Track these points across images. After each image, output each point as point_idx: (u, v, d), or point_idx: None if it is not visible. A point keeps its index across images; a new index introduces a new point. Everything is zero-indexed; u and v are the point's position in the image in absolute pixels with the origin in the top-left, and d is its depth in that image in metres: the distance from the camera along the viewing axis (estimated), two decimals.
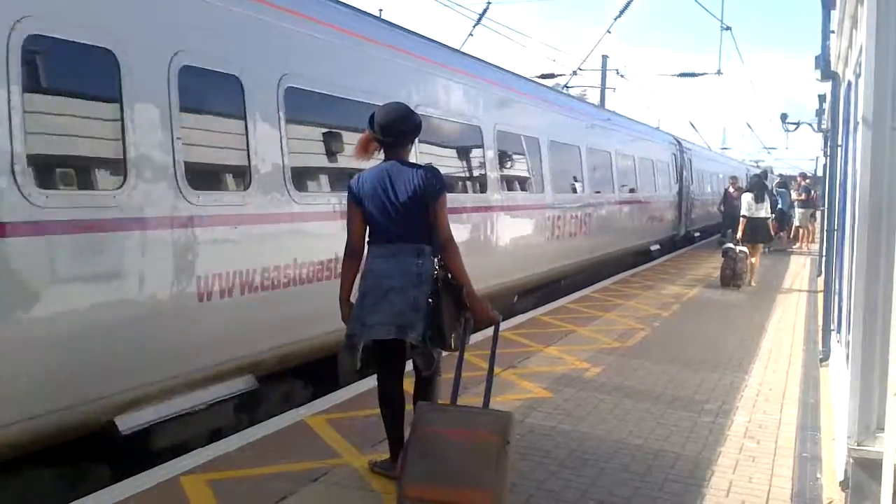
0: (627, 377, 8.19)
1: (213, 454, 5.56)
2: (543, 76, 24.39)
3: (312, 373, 7.72)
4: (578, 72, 25.51)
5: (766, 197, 16.47)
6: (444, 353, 5.09)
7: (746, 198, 16.38)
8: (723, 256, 15.82)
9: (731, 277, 15.50)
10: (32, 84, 5.02)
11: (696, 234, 29.48)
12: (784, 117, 26.75)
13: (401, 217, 4.96)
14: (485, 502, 4.13)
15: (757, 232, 16.23)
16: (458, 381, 4.78)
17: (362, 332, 4.90)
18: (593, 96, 31.19)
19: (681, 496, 5.18)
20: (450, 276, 4.96)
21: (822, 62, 10.03)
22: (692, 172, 28.31)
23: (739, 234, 16.26)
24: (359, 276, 5.07)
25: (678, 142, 26.84)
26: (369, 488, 5.05)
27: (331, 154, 7.91)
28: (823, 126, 17.50)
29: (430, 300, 4.83)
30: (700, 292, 14.91)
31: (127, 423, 5.57)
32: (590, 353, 9.21)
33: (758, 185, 16.76)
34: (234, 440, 5.87)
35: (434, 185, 5.01)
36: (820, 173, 22.50)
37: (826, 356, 9.16)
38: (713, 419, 6.90)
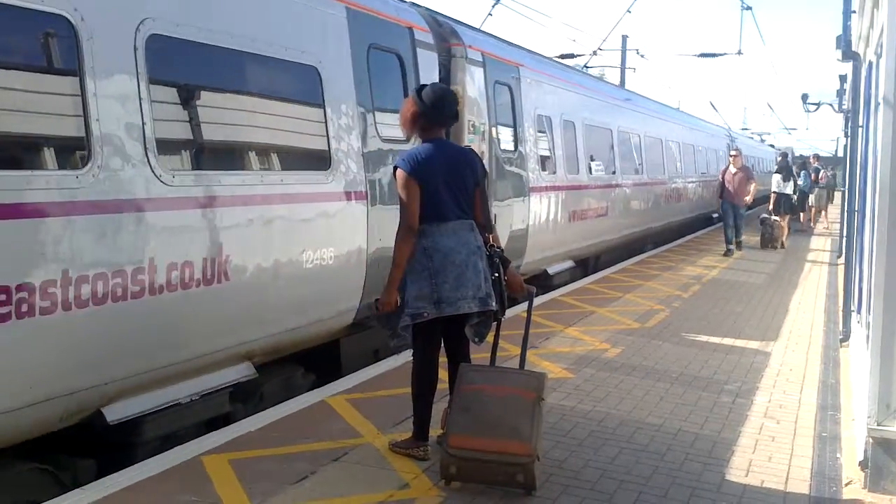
0: (647, 357, 8.21)
1: (234, 434, 5.59)
2: (563, 56, 24.29)
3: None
4: (598, 52, 25.39)
5: (792, 177, 20.61)
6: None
7: (776, 178, 20.69)
8: (761, 225, 19.63)
9: (770, 240, 19.13)
10: None
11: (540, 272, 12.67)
12: (805, 97, 26.44)
13: (463, 195, 5.12)
14: (522, 451, 4.56)
15: (784, 204, 20.46)
16: (496, 345, 5.24)
17: (439, 310, 4.95)
18: (613, 76, 30.86)
19: (700, 475, 5.21)
20: (499, 249, 5.27)
21: (844, 42, 9.98)
22: (523, 119, 11.71)
23: (771, 206, 20.49)
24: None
25: (430, 22, 9.51)
26: (390, 468, 5.08)
27: None
28: (844, 106, 17.39)
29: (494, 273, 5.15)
30: (720, 273, 14.87)
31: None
32: (610, 333, 9.22)
33: (786, 167, 21.15)
34: (256, 420, 5.90)
35: (483, 164, 5.35)
36: (841, 154, 22.64)
37: (846, 336, 9.14)
38: (733, 399, 6.91)
